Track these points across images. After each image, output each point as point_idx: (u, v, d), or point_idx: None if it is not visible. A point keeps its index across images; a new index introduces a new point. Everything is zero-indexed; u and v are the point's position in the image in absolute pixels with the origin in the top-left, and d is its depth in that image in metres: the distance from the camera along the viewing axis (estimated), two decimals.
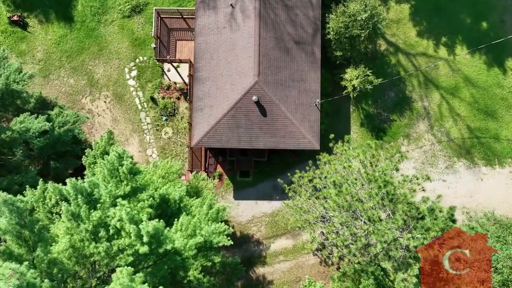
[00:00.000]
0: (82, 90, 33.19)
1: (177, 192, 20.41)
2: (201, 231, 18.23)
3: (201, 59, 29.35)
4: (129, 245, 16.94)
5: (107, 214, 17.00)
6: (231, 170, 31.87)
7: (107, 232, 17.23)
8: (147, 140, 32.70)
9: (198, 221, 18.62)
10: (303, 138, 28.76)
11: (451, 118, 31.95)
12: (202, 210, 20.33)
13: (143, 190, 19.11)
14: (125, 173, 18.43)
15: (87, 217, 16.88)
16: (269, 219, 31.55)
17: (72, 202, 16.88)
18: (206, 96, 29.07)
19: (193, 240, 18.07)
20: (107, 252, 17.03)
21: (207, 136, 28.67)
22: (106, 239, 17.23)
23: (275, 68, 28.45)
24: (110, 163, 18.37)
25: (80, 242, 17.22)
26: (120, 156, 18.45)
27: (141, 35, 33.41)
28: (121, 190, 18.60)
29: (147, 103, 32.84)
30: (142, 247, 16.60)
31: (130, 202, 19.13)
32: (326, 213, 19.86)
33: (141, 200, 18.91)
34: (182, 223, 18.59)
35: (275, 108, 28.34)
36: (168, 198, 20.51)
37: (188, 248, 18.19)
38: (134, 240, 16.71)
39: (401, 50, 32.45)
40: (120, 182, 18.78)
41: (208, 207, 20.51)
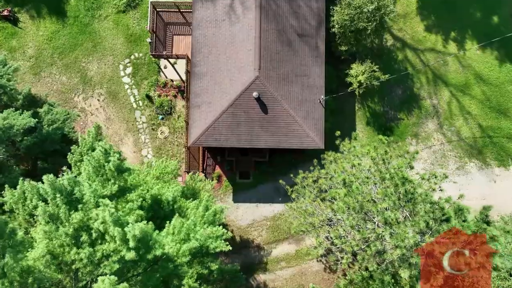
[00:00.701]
0: (75, 88, 31.08)
1: (170, 193, 18.20)
2: (196, 235, 15.98)
3: (198, 54, 27.26)
4: (114, 250, 14.70)
5: (90, 216, 14.79)
6: (230, 171, 29.67)
7: (89, 236, 14.99)
8: (142, 140, 30.54)
9: (192, 224, 16.39)
10: (306, 136, 26.59)
11: (461, 117, 29.80)
12: (198, 212, 18.10)
13: (132, 190, 16.90)
14: (112, 170, 16.23)
15: (67, 219, 14.67)
16: (270, 223, 29.31)
17: (50, 202, 14.68)
18: (204, 92, 26.94)
19: (187, 245, 15.83)
20: (90, 259, 14.80)
21: (204, 135, 26.50)
22: (89, 244, 15.00)
23: (276, 62, 26.34)
24: (95, 159, 16.18)
25: (60, 248, 14.99)
26: (106, 152, 16.28)
27: (136, 30, 31.36)
28: (107, 189, 16.39)
29: (143, 101, 30.71)
30: (128, 253, 14.37)
31: (118, 203, 16.93)
32: (334, 216, 17.67)
33: (130, 200, 16.69)
34: (175, 226, 16.36)
35: (277, 104, 26.19)
36: (160, 199, 18.29)
37: (182, 254, 15.94)
38: (119, 245, 14.48)
39: (409, 46, 30.38)
40: (107, 181, 16.58)
41: (204, 208, 18.28)
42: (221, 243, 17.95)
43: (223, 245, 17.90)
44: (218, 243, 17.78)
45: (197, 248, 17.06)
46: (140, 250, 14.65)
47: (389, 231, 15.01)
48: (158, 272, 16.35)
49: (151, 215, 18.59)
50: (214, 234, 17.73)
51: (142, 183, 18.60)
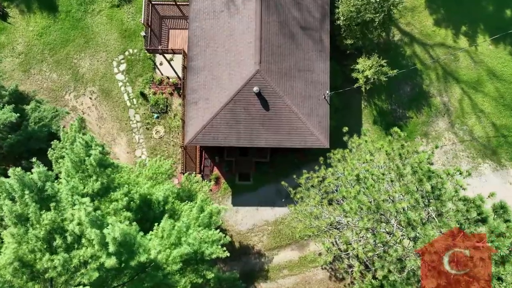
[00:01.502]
0: (66, 86, 28.91)
1: (161, 192, 15.91)
2: (188, 239, 13.68)
3: (195, 47, 25.12)
4: (93, 256, 12.40)
5: (64, 217, 12.51)
6: (229, 173, 27.37)
7: (64, 240, 12.69)
8: (136, 140, 28.29)
9: (184, 227, 14.09)
10: (310, 135, 24.34)
11: (474, 115, 27.59)
12: (192, 214, 15.79)
13: (117, 188, 14.62)
14: (93, 165, 13.97)
15: (37, 220, 12.40)
16: (272, 227, 26.97)
17: (17, 200, 12.44)
18: (201, 87, 24.76)
19: (178, 250, 13.51)
20: (65, 266, 12.49)
21: (201, 133, 24.27)
22: (64, 249, 12.70)
23: (278, 56, 24.20)
24: (74, 153, 13.93)
25: (31, 254, 12.69)
26: (87, 144, 14.03)
27: (131, 25, 29.28)
28: (88, 187, 14.12)
29: (137, 99, 28.53)
30: (108, 259, 12.06)
31: (101, 203, 14.64)
32: (345, 217, 15.40)
33: (114, 200, 14.41)
34: (164, 229, 14.05)
35: (278, 100, 23.99)
36: (150, 199, 16.01)
37: (172, 261, 13.62)
38: (98, 250, 12.18)
39: (417, 40, 28.26)
40: (88, 178, 14.31)
41: (198, 209, 15.96)
42: (218, 249, 15.63)
43: (220, 251, 15.58)
44: (215, 249, 15.46)
45: (190, 254, 14.73)
46: (122, 256, 12.35)
47: (413, 233, 12.76)
48: (145, 282, 14.02)
49: (140, 217, 16.28)
50: (210, 238, 15.42)
51: (129, 182, 16.31)
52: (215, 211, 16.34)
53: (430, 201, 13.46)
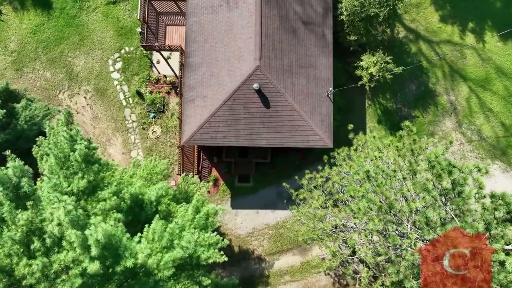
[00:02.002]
0: (60, 85, 27.59)
1: (153, 192, 14.51)
2: (181, 241, 12.26)
3: (193, 43, 23.83)
4: (74, 261, 10.98)
5: (43, 216, 11.12)
6: (228, 174, 25.95)
7: (43, 243, 11.29)
8: (132, 140, 26.91)
9: (177, 228, 12.69)
10: (313, 134, 22.98)
11: (482, 114, 26.24)
12: (186, 215, 14.38)
13: (106, 186, 13.23)
14: (79, 161, 12.60)
15: (13, 221, 11.01)
16: (272, 231, 25.51)
17: None
18: (198, 85, 23.43)
19: (170, 254, 12.09)
20: (45, 272, 11.08)
21: (199, 132, 22.91)
22: (43, 253, 11.29)
23: (279, 52, 22.90)
24: (58, 148, 12.56)
25: (7, 258, 11.28)
26: (72, 138, 12.66)
27: (127, 23, 28.02)
28: (73, 185, 12.73)
29: (133, 98, 27.19)
30: (91, 264, 10.66)
31: (87, 203, 13.24)
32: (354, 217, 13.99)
33: (101, 199, 13.01)
34: (155, 231, 12.64)
35: (280, 98, 22.66)
36: (142, 199, 14.60)
37: (164, 266, 12.18)
38: (80, 254, 10.77)
39: (422, 37, 26.98)
40: (73, 175, 12.93)
41: (194, 210, 14.55)
42: (215, 253, 14.20)
43: (218, 255, 14.15)
44: (211, 253, 14.04)
45: (185, 258, 13.30)
46: (107, 260, 10.94)
47: (431, 235, 11.37)
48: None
49: (131, 218, 14.87)
50: (207, 241, 13.99)
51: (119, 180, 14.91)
52: (212, 211, 14.92)
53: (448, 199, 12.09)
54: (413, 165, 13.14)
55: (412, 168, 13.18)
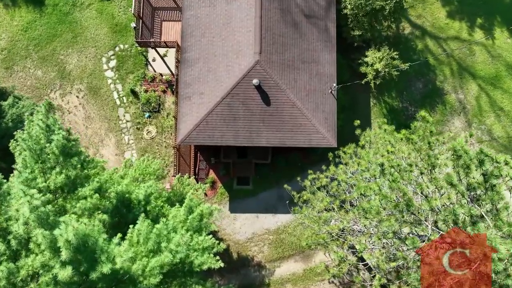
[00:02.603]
0: (51, 83, 26.04)
1: (142, 190, 12.85)
2: (170, 244, 10.58)
3: (190, 37, 22.33)
4: (44, 266, 9.31)
5: (9, 215, 9.46)
6: (227, 176, 24.27)
7: (8, 246, 9.61)
8: (126, 141, 25.28)
9: (165, 229, 11.02)
10: (316, 132, 21.37)
11: (493, 113, 24.65)
12: (178, 215, 12.71)
13: (87, 183, 11.58)
14: (56, 153, 10.98)
15: None
16: (273, 237, 23.77)
17: None
18: (195, 81, 21.88)
19: (157, 259, 10.40)
20: (11, 280, 9.39)
21: (196, 131, 21.30)
22: (9, 258, 9.61)
23: (280, 46, 21.39)
24: (33, 138, 10.95)
25: None
26: (48, 128, 11.05)
27: (122, 20, 26.56)
28: (50, 181, 11.09)
29: (127, 97, 25.62)
30: (62, 270, 8.98)
31: (66, 202, 11.57)
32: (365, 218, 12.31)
33: (82, 197, 11.35)
34: (140, 231, 10.97)
35: (281, 94, 21.09)
36: (129, 198, 12.94)
37: (150, 273, 10.49)
38: (50, 258, 9.10)
39: (429, 34, 25.50)
40: (50, 170, 11.29)
41: (186, 210, 12.88)
42: (210, 258, 12.50)
43: (213, 260, 12.45)
44: (206, 258, 12.35)
45: (175, 264, 11.59)
46: (81, 265, 9.27)
47: None
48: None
49: (118, 220, 13.18)
50: (201, 245, 12.29)
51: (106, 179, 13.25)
52: (207, 212, 13.25)
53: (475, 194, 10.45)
54: (431, 158, 11.54)
55: (431, 162, 11.57)
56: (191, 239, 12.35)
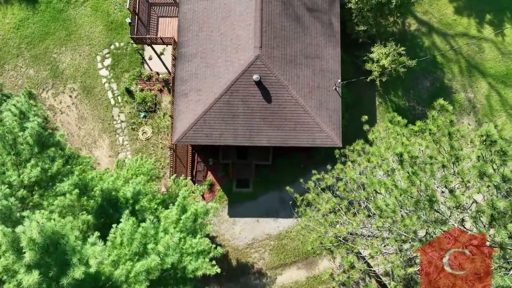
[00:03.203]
0: (43, 83, 24.68)
1: (130, 187, 11.38)
2: (157, 246, 9.09)
3: (187, 32, 21.03)
4: (7, 270, 7.82)
5: None
6: (226, 178, 22.78)
7: None
8: (120, 142, 23.84)
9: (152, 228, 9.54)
10: (320, 131, 19.94)
11: (504, 113, 23.24)
12: (170, 215, 11.22)
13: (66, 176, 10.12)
14: (30, 143, 9.55)
15: None
16: (274, 242, 22.20)
17: None
18: (192, 77, 20.51)
19: (143, 263, 8.90)
20: None
21: (193, 130, 19.87)
22: None
23: (282, 40, 20.06)
24: (5, 127, 9.52)
25: None
26: (23, 115, 9.63)
27: (118, 17, 25.30)
28: (24, 174, 9.63)
29: (122, 97, 24.25)
30: (27, 275, 7.48)
31: (43, 199, 10.09)
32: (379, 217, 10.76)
33: (60, 193, 9.88)
34: (123, 231, 9.47)
35: (282, 91, 19.71)
36: (116, 196, 11.46)
37: (135, 279, 8.98)
38: (13, 261, 7.60)
39: (436, 30, 24.21)
40: (25, 162, 9.84)
41: (179, 209, 11.40)
42: (205, 263, 10.97)
43: (208, 265, 10.92)
44: (200, 263, 10.84)
45: (166, 269, 10.07)
46: (50, 270, 7.77)
47: (503, 235, 8.24)
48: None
49: (103, 221, 11.67)
50: (195, 248, 10.77)
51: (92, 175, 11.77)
52: (202, 211, 11.76)
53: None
54: (454, 150, 10.12)
55: (454, 154, 10.14)
56: (184, 241, 10.86)
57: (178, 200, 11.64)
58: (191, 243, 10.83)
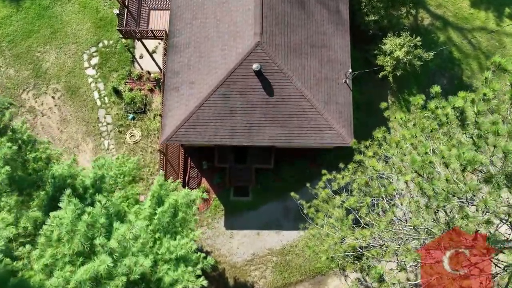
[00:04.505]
0: (24, 83, 21.92)
1: (90, 174, 8.35)
2: (110, 240, 6.00)
3: (179, 21, 18.40)
4: None
5: None
6: (222, 185, 19.64)
7: None
8: (105, 146, 20.84)
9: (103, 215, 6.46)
10: (328, 128, 17.00)
11: None
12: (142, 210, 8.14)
13: None
14: None
15: None
16: (277, 258, 18.86)
17: None
18: (184, 69, 17.73)
19: (87, 267, 5.77)
20: None
21: (184, 127, 16.94)
22: None
23: (285, 27, 17.39)
24: None
25: None
26: None
27: (107, 14, 22.80)
28: None
29: (109, 97, 21.42)
30: None
31: None
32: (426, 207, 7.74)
33: None
34: (61, 221, 6.38)
35: (286, 82, 16.88)
36: (72, 185, 8.40)
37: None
38: None
39: (451, 25, 21.63)
40: None
41: (153, 200, 8.31)
42: (188, 274, 7.78)
43: (191, 277, 7.74)
44: (181, 274, 7.64)
45: (134, 282, 6.89)
46: None
47: None
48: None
49: None
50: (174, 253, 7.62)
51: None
52: (183, 201, 8.64)
53: None
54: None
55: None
56: (160, 243, 7.73)
57: (153, 189, 8.58)
58: (168, 246, 7.72)
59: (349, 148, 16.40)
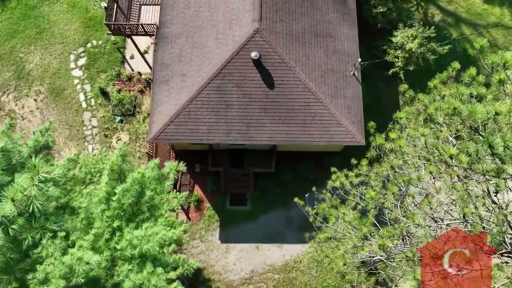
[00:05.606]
0: (5, 85, 19.89)
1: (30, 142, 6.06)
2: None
3: (170, 10, 16.50)
4: None
5: None
6: (217, 192, 17.20)
7: None
8: (89, 151, 18.57)
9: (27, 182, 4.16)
10: (337, 125, 14.76)
11: None
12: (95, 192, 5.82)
13: None
14: None
15: None
16: (279, 276, 16.20)
17: None
18: (175, 60, 15.67)
19: None
20: None
21: (173, 123, 14.71)
22: None
23: (286, 14, 15.46)
24: None
25: None
26: None
27: (97, 13, 21.05)
28: None
29: (96, 99, 19.33)
30: None
31: None
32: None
33: None
34: None
35: (288, 73, 14.78)
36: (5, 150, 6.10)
37: None
38: None
39: (464, 21, 19.79)
40: None
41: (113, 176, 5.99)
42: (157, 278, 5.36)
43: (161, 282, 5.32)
44: (147, 277, 5.21)
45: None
46: None
47: None
48: None
49: None
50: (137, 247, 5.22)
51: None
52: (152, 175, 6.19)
53: None
54: None
55: None
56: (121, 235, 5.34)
57: (112, 161, 6.26)
58: (131, 237, 5.36)
59: (359, 149, 14.16)
